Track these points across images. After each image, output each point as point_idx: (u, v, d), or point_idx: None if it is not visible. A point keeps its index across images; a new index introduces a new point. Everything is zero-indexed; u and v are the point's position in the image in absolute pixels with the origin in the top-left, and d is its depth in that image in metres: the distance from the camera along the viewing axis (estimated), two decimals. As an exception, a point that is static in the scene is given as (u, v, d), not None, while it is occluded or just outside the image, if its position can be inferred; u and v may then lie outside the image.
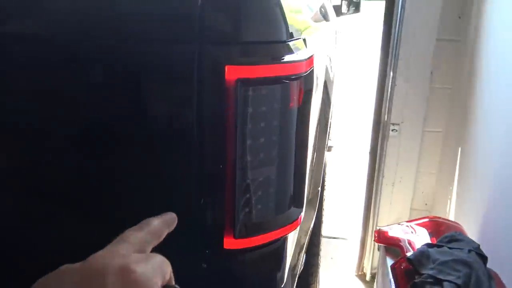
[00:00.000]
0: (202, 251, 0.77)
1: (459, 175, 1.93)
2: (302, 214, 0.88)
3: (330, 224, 2.78)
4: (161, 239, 0.51)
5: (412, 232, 1.52)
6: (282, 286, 0.85)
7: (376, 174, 2.28)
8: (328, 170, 2.23)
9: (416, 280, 1.21)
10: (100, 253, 0.43)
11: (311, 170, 1.29)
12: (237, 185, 0.74)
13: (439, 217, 1.67)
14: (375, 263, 2.37)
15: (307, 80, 0.80)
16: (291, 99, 0.76)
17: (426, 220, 1.60)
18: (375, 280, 1.85)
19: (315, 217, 1.57)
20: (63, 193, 0.79)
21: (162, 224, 0.51)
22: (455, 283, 1.14)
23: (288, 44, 0.76)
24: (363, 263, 2.48)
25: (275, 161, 0.78)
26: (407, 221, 1.63)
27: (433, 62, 2.02)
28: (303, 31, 1.02)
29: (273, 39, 0.74)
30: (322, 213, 1.94)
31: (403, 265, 1.32)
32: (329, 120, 1.78)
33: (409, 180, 2.26)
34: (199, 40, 0.68)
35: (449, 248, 1.27)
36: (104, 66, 0.73)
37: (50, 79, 0.73)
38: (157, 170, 0.76)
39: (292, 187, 0.83)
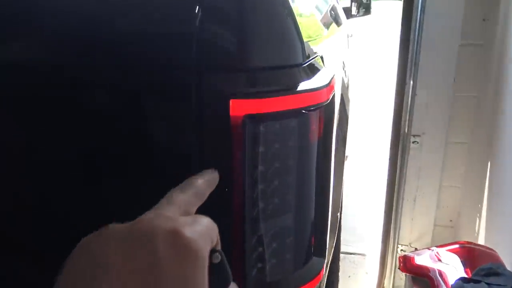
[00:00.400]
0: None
1: (488, 190, 1.78)
2: (325, 263, 0.75)
3: (347, 239, 2.64)
4: (204, 199, 0.49)
5: (441, 261, 1.38)
6: None
7: (396, 188, 2.14)
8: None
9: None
10: (148, 215, 0.41)
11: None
12: (246, 239, 0.61)
13: (471, 243, 1.52)
14: (397, 283, 2.22)
15: (328, 109, 0.67)
16: (310, 133, 0.63)
17: (457, 246, 1.45)
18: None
19: (335, 242, 1.44)
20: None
21: (206, 184, 0.50)
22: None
23: (305, 68, 0.63)
24: (384, 283, 2.33)
25: (292, 207, 0.65)
26: (436, 246, 1.49)
27: (457, 68, 1.87)
28: (315, 39, 0.89)
29: (287, 63, 0.61)
30: (340, 234, 1.81)
31: (437, 303, 1.18)
32: (346, 134, 1.64)
33: (432, 194, 2.11)
34: (197, 68, 0.55)
35: (488, 284, 1.13)
36: (97, 94, 0.60)
37: (47, 106, 0.61)
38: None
39: (313, 235, 0.69)
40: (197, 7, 0.56)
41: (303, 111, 0.60)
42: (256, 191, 0.60)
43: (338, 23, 1.78)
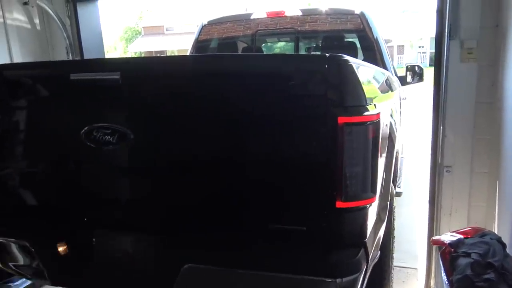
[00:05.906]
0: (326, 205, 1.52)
1: (498, 203, 2.51)
2: (375, 197, 1.60)
3: (402, 257, 3.36)
4: None
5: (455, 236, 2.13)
6: (367, 234, 1.56)
7: (435, 207, 2.89)
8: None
9: (453, 254, 1.84)
10: None
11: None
12: (345, 180, 1.49)
13: (479, 227, 2.26)
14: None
15: (376, 124, 1.56)
16: (368, 134, 1.52)
17: (469, 228, 2.20)
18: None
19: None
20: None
21: None
22: (478, 253, 1.76)
23: (367, 107, 1.53)
24: (430, 283, 3.02)
25: (364, 164, 1.53)
26: (454, 231, 2.25)
27: (475, 118, 2.68)
28: (374, 98, 1.79)
29: (359, 104, 1.51)
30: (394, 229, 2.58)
31: (447, 249, 1.94)
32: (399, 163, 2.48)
33: (463, 211, 2.84)
34: (327, 105, 1.47)
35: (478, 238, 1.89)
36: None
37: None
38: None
39: (371, 182, 1.56)
40: (326, 82, 1.49)
41: (366, 123, 1.50)
42: (347, 154, 1.48)
43: (392, 89, 2.68)
